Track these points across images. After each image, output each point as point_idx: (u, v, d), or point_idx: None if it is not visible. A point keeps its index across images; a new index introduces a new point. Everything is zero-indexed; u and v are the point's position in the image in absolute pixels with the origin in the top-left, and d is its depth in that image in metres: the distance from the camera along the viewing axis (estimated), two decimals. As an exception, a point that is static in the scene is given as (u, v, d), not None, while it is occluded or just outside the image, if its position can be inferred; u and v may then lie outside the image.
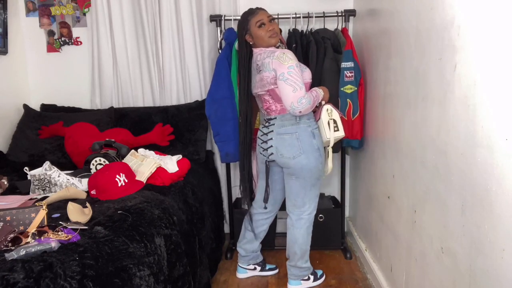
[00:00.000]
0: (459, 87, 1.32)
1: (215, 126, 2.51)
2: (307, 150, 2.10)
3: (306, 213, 2.23)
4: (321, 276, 2.42)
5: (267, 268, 2.53)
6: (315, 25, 2.67)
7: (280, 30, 2.59)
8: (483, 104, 1.18)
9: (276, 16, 2.59)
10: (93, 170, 2.14)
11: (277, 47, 2.45)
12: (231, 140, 2.48)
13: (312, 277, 2.36)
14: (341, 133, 2.20)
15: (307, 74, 2.16)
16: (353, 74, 2.45)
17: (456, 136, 1.34)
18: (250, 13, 2.14)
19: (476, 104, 1.22)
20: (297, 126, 2.11)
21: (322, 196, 2.95)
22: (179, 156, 2.24)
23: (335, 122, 2.17)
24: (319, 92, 2.16)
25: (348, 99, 2.46)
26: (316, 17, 2.63)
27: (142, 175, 2.03)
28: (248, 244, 2.46)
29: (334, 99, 2.46)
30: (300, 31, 2.60)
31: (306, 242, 2.28)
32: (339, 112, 2.21)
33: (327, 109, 2.17)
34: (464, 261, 1.30)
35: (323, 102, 2.20)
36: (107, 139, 2.33)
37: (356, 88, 2.46)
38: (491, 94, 1.14)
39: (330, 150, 2.20)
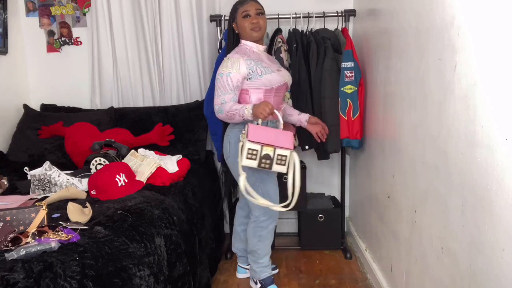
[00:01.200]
0: (459, 87, 1.32)
1: (213, 126, 2.51)
2: (233, 155, 2.08)
3: (254, 215, 2.18)
4: None
5: None
6: (315, 25, 2.67)
7: (280, 30, 2.59)
8: (483, 104, 1.18)
9: (276, 16, 2.60)
10: (93, 170, 2.14)
11: (279, 47, 2.45)
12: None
13: (258, 286, 2.30)
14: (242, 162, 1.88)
15: (267, 79, 2.02)
16: (353, 74, 2.45)
17: (456, 136, 1.34)
18: (240, 2, 2.11)
19: (476, 104, 1.22)
20: (231, 129, 2.11)
21: (322, 196, 2.96)
22: (179, 156, 2.24)
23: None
24: (243, 111, 1.94)
25: (348, 99, 2.46)
26: (316, 17, 2.63)
27: (142, 175, 2.03)
28: (237, 243, 2.46)
29: (334, 99, 2.47)
30: (300, 31, 2.60)
31: (253, 244, 2.21)
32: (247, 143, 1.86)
33: (243, 132, 1.94)
34: (464, 261, 1.30)
35: (247, 117, 1.95)
36: (107, 139, 2.34)
37: (356, 88, 2.46)
38: (491, 94, 1.14)
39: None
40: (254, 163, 1.86)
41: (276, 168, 1.88)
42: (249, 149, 1.84)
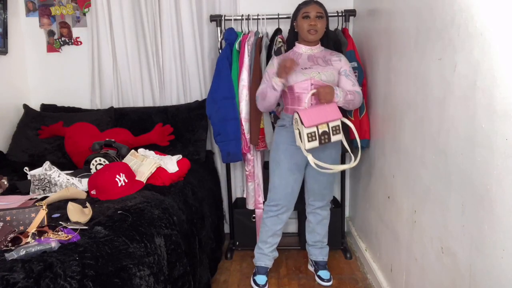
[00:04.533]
0: (459, 87, 1.32)
1: (216, 126, 2.51)
2: (274, 149, 2.28)
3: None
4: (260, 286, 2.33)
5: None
6: (315, 25, 2.67)
7: (280, 30, 2.58)
8: (483, 104, 1.18)
9: (276, 16, 2.60)
10: (93, 170, 2.14)
11: (280, 47, 2.44)
12: (232, 140, 2.48)
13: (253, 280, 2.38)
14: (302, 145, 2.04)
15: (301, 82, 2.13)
16: (357, 74, 2.43)
17: (456, 136, 1.34)
18: (304, 2, 2.17)
19: (476, 104, 1.22)
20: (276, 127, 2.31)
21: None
22: (179, 156, 2.24)
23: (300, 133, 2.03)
24: (271, 81, 2.08)
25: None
26: (316, 17, 2.63)
27: (142, 175, 2.03)
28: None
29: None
30: (300, 31, 2.60)
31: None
32: (304, 122, 1.99)
33: (295, 119, 2.05)
34: (464, 261, 1.30)
35: (277, 87, 2.07)
36: (107, 139, 2.34)
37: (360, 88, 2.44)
38: (491, 94, 1.14)
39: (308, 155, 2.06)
40: (316, 143, 2.02)
41: (334, 138, 2.06)
42: (308, 133, 2.00)
